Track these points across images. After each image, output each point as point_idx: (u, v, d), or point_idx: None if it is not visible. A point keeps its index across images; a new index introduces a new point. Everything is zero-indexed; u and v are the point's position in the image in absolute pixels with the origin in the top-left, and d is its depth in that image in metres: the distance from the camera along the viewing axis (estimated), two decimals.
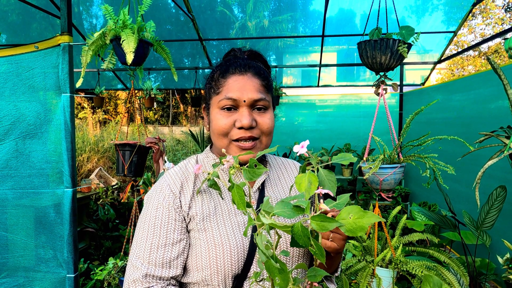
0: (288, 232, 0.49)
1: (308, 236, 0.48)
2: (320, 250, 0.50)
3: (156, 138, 2.20)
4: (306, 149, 0.60)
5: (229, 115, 0.89)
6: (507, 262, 1.82)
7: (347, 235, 0.76)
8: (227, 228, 0.86)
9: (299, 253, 0.93)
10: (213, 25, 4.89)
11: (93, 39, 1.74)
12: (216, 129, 0.90)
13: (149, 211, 0.89)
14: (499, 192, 2.03)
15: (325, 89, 5.31)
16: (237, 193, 0.56)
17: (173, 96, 14.56)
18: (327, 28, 4.30)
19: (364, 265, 1.87)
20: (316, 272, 0.56)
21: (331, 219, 0.49)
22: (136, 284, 0.83)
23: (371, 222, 0.50)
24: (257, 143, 0.90)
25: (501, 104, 2.65)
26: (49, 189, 1.84)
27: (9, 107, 1.82)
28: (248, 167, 0.61)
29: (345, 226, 0.52)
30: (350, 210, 0.53)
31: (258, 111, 0.91)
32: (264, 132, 0.91)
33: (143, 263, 0.84)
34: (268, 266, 0.49)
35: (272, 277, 0.50)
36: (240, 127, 0.87)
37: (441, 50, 4.37)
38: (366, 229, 0.50)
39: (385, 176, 1.65)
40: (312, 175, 0.54)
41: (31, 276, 1.87)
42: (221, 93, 0.90)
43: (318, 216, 0.50)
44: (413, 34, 1.65)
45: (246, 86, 0.89)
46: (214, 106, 0.92)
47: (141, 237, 0.87)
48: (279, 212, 0.52)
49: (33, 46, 1.74)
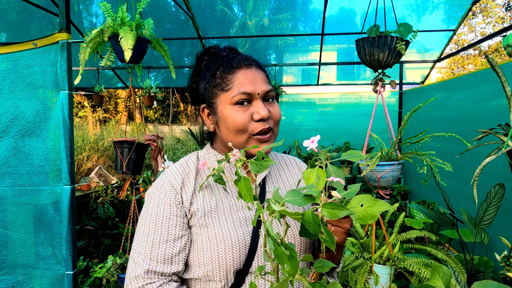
0: (299, 220, 0.50)
1: (319, 223, 0.48)
2: (330, 237, 0.50)
3: (155, 136, 2.21)
4: (316, 144, 0.60)
5: (245, 109, 0.88)
6: (505, 259, 1.82)
7: (348, 228, 0.77)
8: (229, 223, 0.86)
9: (301, 248, 0.93)
10: (213, 24, 4.89)
11: (91, 36, 1.74)
12: (234, 126, 0.88)
13: (150, 207, 0.89)
14: (497, 189, 2.03)
15: (325, 88, 5.31)
16: (244, 185, 0.57)
17: (173, 95, 14.56)
18: (328, 27, 4.29)
19: (362, 262, 1.87)
20: (324, 264, 0.56)
21: (342, 207, 0.49)
22: (138, 280, 0.83)
23: (382, 210, 0.50)
24: (271, 134, 0.92)
25: (500, 102, 2.65)
26: (48, 187, 1.85)
27: (7, 104, 1.83)
28: (256, 159, 0.61)
29: (356, 214, 0.51)
30: (361, 198, 0.53)
31: (267, 102, 0.92)
32: (276, 122, 0.93)
33: (145, 259, 0.84)
34: (278, 253, 0.49)
35: (281, 264, 0.50)
36: (259, 119, 0.87)
37: (441, 49, 4.37)
38: (377, 217, 0.50)
39: (383, 173, 1.65)
40: (320, 170, 0.54)
41: (30, 273, 1.87)
42: (233, 89, 0.88)
43: (329, 204, 0.50)
44: (411, 31, 1.65)
45: (256, 79, 0.90)
46: (224, 103, 0.89)
47: (142, 233, 0.87)
48: (290, 200, 0.52)
49: (32, 44, 1.74)
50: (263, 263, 0.85)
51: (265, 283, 0.86)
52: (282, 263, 0.50)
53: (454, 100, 3.33)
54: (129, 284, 0.84)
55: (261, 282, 0.86)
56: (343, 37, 4.77)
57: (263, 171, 0.61)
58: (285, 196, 0.53)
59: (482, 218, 2.05)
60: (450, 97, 3.41)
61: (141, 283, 0.83)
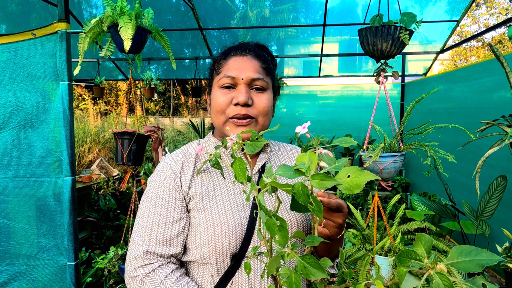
0: (289, 192, 0.51)
1: (308, 194, 0.50)
2: (318, 207, 0.51)
3: (155, 127, 2.20)
4: (307, 130, 0.63)
5: (227, 93, 0.92)
6: (506, 251, 1.82)
7: (340, 223, 0.78)
8: (226, 207, 0.87)
9: (296, 228, 0.93)
10: (213, 15, 4.85)
11: (90, 26, 1.72)
12: (214, 106, 0.93)
13: (150, 190, 0.91)
14: (499, 181, 2.02)
15: (326, 80, 5.28)
16: (239, 165, 0.58)
17: (174, 88, 14.52)
18: (329, 18, 4.25)
19: (364, 254, 1.88)
20: (314, 239, 0.58)
21: (330, 177, 0.51)
22: (137, 261, 0.85)
23: (367, 180, 0.52)
24: (253, 122, 0.92)
25: (503, 94, 2.63)
26: (49, 178, 1.85)
27: (8, 95, 1.82)
28: (251, 140, 0.63)
29: (342, 184, 0.54)
30: (347, 170, 0.56)
31: (256, 91, 0.93)
32: (261, 112, 0.93)
33: (144, 241, 0.86)
34: (269, 225, 0.51)
35: (272, 235, 0.52)
36: (236, 103, 0.90)
37: (444, 40, 4.32)
38: (362, 187, 0.53)
39: (385, 164, 1.64)
40: (312, 154, 0.56)
41: (32, 264, 1.88)
42: (221, 73, 0.93)
43: (317, 174, 0.51)
44: (414, 20, 1.62)
45: (245, 65, 0.92)
46: (215, 86, 0.95)
47: (142, 216, 0.89)
48: (281, 173, 0.54)
49: (30, 34, 1.72)
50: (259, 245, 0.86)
51: (261, 265, 0.88)
52: (273, 234, 0.52)
53: (457, 92, 3.30)
54: (129, 264, 0.86)
55: (258, 266, 0.87)
56: (344, 28, 4.73)
57: (257, 150, 0.62)
58: (277, 170, 0.55)
59: (483, 210, 2.05)
60: (453, 88, 3.38)
61: (140, 263, 0.84)
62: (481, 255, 0.46)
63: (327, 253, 0.92)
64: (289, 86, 5.02)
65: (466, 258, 0.46)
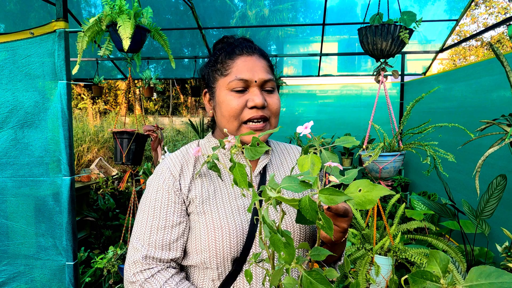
0: (295, 207, 0.48)
1: (316, 209, 0.47)
2: (328, 223, 0.49)
3: (154, 126, 2.19)
4: (309, 130, 0.60)
5: (240, 96, 0.88)
6: (506, 250, 1.82)
7: (345, 228, 0.75)
8: (227, 211, 0.86)
9: (300, 238, 0.92)
10: (212, 14, 4.84)
11: (88, 24, 1.71)
12: (227, 111, 0.88)
13: (149, 194, 0.89)
14: (499, 181, 2.02)
15: (325, 79, 5.27)
16: (239, 171, 0.56)
17: (173, 87, 14.50)
18: (328, 17, 4.24)
19: (363, 253, 1.87)
20: (320, 251, 0.55)
21: (340, 192, 0.48)
22: (136, 266, 0.83)
23: (381, 195, 0.49)
24: (267, 124, 0.90)
25: (503, 93, 2.62)
26: (48, 178, 1.84)
27: (6, 95, 1.81)
28: (251, 146, 0.60)
29: (354, 199, 0.50)
30: (359, 184, 0.51)
31: (266, 92, 0.91)
32: (274, 113, 0.91)
33: (143, 245, 0.84)
34: (273, 240, 0.48)
35: (277, 251, 0.49)
36: (252, 106, 0.87)
37: (443, 40, 4.32)
38: (375, 202, 0.49)
39: (385, 164, 1.64)
40: (315, 157, 0.53)
41: (31, 264, 1.88)
42: (230, 75, 0.88)
43: (326, 189, 0.48)
44: (414, 19, 1.62)
45: (256, 66, 0.89)
46: (222, 88, 0.90)
47: (141, 220, 0.87)
48: (286, 186, 0.50)
49: (29, 33, 1.71)
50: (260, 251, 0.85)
51: (263, 271, 0.86)
52: (278, 251, 0.48)
53: (456, 91, 3.30)
54: (128, 269, 0.85)
55: (259, 271, 0.86)
56: (344, 28, 4.72)
57: (258, 157, 0.60)
58: (281, 183, 0.52)
59: (483, 209, 2.05)
60: (452, 88, 3.38)
61: (139, 268, 0.83)
62: (503, 277, 0.42)
63: (330, 255, 0.91)
64: (288, 86, 5.01)
65: (486, 280, 0.43)
